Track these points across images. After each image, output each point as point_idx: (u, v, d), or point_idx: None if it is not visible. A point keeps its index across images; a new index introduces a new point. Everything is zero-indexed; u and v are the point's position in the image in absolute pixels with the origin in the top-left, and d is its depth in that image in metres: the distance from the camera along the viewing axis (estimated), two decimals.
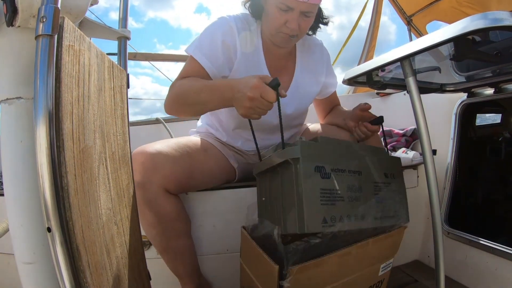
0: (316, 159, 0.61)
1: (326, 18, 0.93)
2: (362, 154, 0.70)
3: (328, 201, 0.60)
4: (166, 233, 0.81)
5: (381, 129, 0.88)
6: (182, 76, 0.85)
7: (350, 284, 0.72)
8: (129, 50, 0.82)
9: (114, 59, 0.76)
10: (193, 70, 0.84)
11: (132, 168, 0.74)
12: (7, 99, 0.45)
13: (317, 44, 1.01)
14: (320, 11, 0.90)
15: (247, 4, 0.89)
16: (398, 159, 0.79)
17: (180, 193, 0.85)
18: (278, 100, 0.65)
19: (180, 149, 0.83)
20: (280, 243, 0.60)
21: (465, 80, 1.04)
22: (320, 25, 0.95)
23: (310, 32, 0.97)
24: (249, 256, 0.78)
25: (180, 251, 0.85)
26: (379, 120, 0.83)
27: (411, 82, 0.67)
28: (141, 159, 0.76)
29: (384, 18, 2.40)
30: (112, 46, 0.79)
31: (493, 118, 1.58)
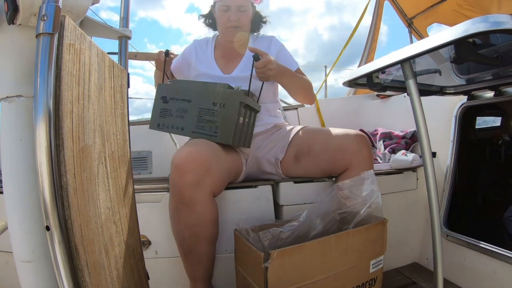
0: (163, 92, 1.01)
1: (264, 17, 1.22)
2: (201, 87, 0.96)
3: (163, 116, 1.00)
4: (200, 236, 0.83)
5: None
6: None
7: (338, 278, 0.75)
8: (130, 49, 0.83)
9: (115, 58, 0.76)
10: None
11: (132, 168, 0.74)
12: (8, 97, 0.45)
13: (267, 37, 1.22)
14: (258, 13, 1.19)
15: (206, 22, 1.21)
16: (240, 93, 0.91)
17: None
18: (165, 60, 1.10)
19: (218, 151, 0.89)
20: None
21: (465, 83, 1.04)
22: (262, 24, 1.22)
23: (257, 31, 1.22)
24: (242, 255, 0.79)
25: (205, 256, 0.85)
26: (255, 57, 0.98)
27: (411, 84, 0.67)
28: (195, 160, 0.79)
29: None
30: (113, 45, 0.79)
31: (493, 121, 1.58)
